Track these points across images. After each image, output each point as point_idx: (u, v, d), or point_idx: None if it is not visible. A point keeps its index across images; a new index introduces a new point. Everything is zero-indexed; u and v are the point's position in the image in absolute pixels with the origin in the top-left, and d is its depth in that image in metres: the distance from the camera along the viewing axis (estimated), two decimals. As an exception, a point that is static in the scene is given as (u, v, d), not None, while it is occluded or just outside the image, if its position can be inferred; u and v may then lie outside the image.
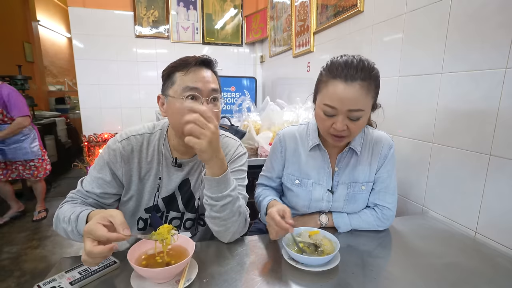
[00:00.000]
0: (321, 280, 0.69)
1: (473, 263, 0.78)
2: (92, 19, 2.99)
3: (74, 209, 0.77)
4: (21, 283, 1.83)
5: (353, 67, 0.78)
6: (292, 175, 1.00)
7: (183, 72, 0.81)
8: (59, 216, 0.79)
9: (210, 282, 0.67)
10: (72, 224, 0.73)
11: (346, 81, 0.78)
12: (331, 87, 0.80)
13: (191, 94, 0.79)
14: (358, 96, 0.77)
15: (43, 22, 4.89)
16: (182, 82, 0.80)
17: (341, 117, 0.80)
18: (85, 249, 0.61)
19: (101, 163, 0.86)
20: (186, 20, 3.28)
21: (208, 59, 0.84)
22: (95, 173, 0.86)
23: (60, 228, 0.79)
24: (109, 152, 0.86)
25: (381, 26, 1.37)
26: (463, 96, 0.97)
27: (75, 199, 0.84)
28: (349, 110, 0.79)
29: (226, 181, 0.77)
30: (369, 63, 0.80)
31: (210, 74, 0.84)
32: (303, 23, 2.20)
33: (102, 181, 0.85)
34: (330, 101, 0.80)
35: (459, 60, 0.98)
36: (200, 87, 0.80)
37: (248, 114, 2.03)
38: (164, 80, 0.86)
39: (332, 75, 0.80)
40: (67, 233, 0.77)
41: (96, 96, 3.12)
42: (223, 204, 0.78)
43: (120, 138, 0.88)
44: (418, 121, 1.17)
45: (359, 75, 0.77)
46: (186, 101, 0.78)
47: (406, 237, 0.94)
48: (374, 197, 0.97)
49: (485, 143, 0.90)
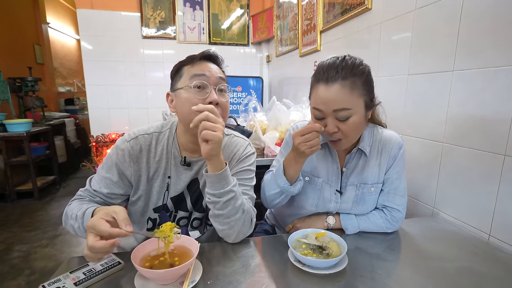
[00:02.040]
0: (328, 283, 0.68)
1: (486, 267, 0.75)
2: (100, 21, 3.02)
3: (81, 206, 0.78)
4: (31, 281, 1.86)
5: (333, 68, 0.79)
6: (302, 170, 0.99)
7: (190, 65, 0.84)
8: (67, 213, 0.80)
9: (214, 284, 0.66)
10: (79, 221, 0.74)
11: (327, 83, 0.79)
12: (316, 91, 0.82)
13: (199, 82, 0.81)
14: (340, 95, 0.77)
15: (52, 24, 4.97)
16: (189, 72, 0.83)
17: (330, 119, 0.81)
18: (88, 244, 0.62)
19: (109, 163, 0.86)
20: (193, 21, 3.29)
21: (214, 54, 0.88)
22: (103, 172, 0.87)
23: (68, 225, 0.80)
24: (117, 152, 0.86)
25: (390, 24, 1.34)
26: (475, 94, 0.94)
27: (83, 197, 0.85)
28: (334, 110, 0.79)
29: (227, 177, 0.78)
30: (353, 61, 0.80)
31: (216, 67, 0.87)
32: (310, 22, 2.18)
33: (110, 181, 0.86)
34: (316, 104, 0.82)
35: (472, 57, 0.95)
36: (207, 74, 0.82)
37: (255, 114, 2.02)
38: (172, 77, 0.88)
39: (316, 79, 0.83)
40: (75, 230, 0.78)
41: (104, 97, 3.16)
42: (225, 200, 0.77)
43: (129, 138, 0.87)
44: (428, 120, 1.14)
45: (340, 75, 0.77)
46: (193, 90, 0.81)
47: (416, 240, 0.91)
48: (383, 198, 0.95)
49: (499, 143, 0.87)
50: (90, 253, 0.62)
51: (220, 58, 0.89)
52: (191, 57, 0.85)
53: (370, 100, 0.83)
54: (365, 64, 0.82)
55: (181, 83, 0.84)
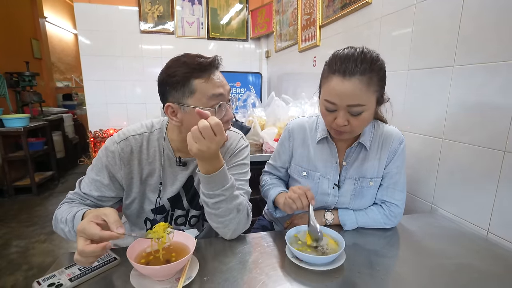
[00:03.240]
0: (325, 279, 0.67)
1: (485, 264, 0.75)
2: (97, 15, 2.99)
3: (71, 209, 0.76)
4: (29, 277, 1.86)
5: (352, 61, 0.75)
6: (299, 166, 0.99)
7: (203, 79, 0.76)
8: (57, 217, 0.78)
9: (211, 280, 0.66)
10: (69, 224, 0.72)
11: (345, 76, 0.75)
12: (330, 83, 0.78)
13: (220, 103, 0.77)
14: (357, 91, 0.75)
15: (50, 18, 4.92)
16: (205, 90, 0.76)
17: (342, 113, 0.79)
18: (78, 248, 0.60)
19: (99, 165, 0.83)
20: (191, 15, 3.25)
21: (220, 61, 0.81)
22: (93, 175, 0.83)
23: (59, 229, 0.78)
24: (107, 154, 0.83)
25: (390, 18, 1.32)
26: (476, 89, 0.93)
27: (73, 200, 0.83)
28: (349, 105, 0.77)
29: (218, 180, 0.74)
30: (372, 55, 0.77)
31: (222, 76, 0.82)
32: (309, 17, 2.16)
33: (100, 184, 0.83)
34: (329, 97, 0.79)
35: (473, 52, 0.93)
36: (223, 92, 0.78)
37: (253, 109, 2.00)
38: (178, 88, 0.77)
39: (331, 70, 0.79)
40: (65, 234, 0.76)
41: (102, 92, 3.13)
42: (215, 202, 0.76)
43: (119, 139, 0.84)
44: (427, 116, 1.12)
45: (358, 69, 0.74)
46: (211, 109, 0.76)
47: (414, 236, 0.91)
48: (382, 193, 0.94)
49: (499, 139, 0.86)
50: (81, 258, 0.60)
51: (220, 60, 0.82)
52: (200, 67, 0.76)
53: (381, 96, 0.82)
54: (382, 59, 0.79)
55: (195, 101, 0.76)
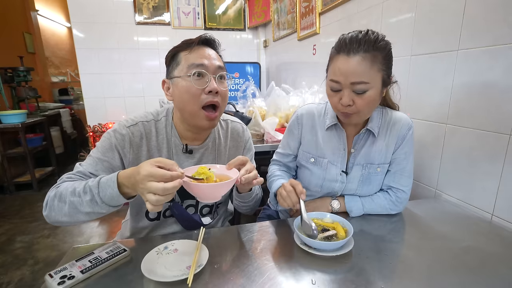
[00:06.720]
0: (334, 265, 0.68)
1: (491, 246, 0.76)
2: (91, 7, 2.92)
3: (83, 182, 0.70)
4: (35, 271, 1.87)
5: (356, 41, 0.78)
6: (308, 152, 1.00)
7: (187, 51, 0.81)
8: (61, 193, 0.70)
9: (221, 268, 0.66)
10: (93, 191, 0.66)
11: (349, 55, 0.78)
12: (336, 63, 0.81)
13: (198, 71, 0.79)
14: (360, 68, 0.77)
15: (42, 12, 4.81)
16: (187, 60, 0.80)
17: (347, 91, 0.80)
18: (158, 188, 0.58)
19: (107, 145, 0.80)
20: (187, 5, 3.19)
21: (211, 39, 0.85)
22: (98, 155, 0.79)
23: (59, 207, 0.70)
24: (116, 136, 0.81)
25: (391, 3, 1.30)
26: (481, 73, 0.92)
27: (74, 179, 0.75)
28: (352, 83, 0.78)
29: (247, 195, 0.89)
30: (376, 35, 0.79)
31: (214, 53, 0.85)
32: (308, 4, 2.12)
33: (108, 164, 0.79)
34: (334, 76, 0.81)
35: (478, 35, 0.92)
36: (206, 63, 0.80)
37: (253, 100, 1.99)
38: (168, 63, 0.85)
39: (336, 50, 0.82)
40: (75, 206, 0.68)
41: (99, 86, 3.09)
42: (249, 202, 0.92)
43: (128, 124, 0.84)
44: (431, 101, 1.12)
45: (362, 47, 0.77)
46: (192, 78, 0.78)
47: (420, 221, 0.92)
48: (389, 179, 0.94)
49: (504, 123, 0.86)
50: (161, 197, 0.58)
51: (217, 42, 0.87)
52: (187, 42, 0.82)
53: (387, 77, 0.82)
54: (387, 40, 0.81)
55: (179, 71, 0.80)
